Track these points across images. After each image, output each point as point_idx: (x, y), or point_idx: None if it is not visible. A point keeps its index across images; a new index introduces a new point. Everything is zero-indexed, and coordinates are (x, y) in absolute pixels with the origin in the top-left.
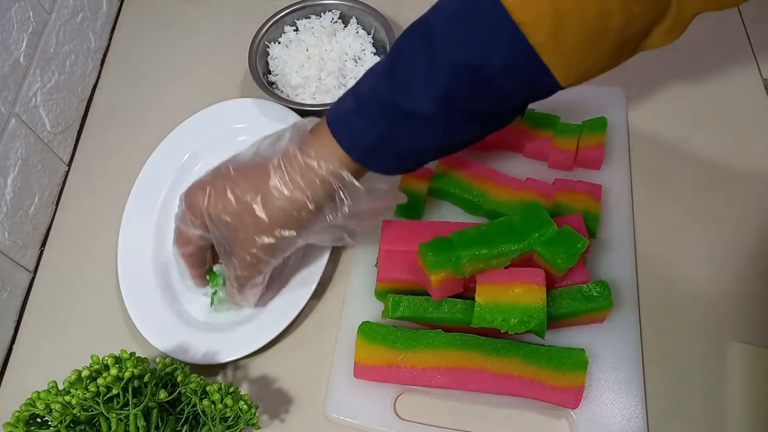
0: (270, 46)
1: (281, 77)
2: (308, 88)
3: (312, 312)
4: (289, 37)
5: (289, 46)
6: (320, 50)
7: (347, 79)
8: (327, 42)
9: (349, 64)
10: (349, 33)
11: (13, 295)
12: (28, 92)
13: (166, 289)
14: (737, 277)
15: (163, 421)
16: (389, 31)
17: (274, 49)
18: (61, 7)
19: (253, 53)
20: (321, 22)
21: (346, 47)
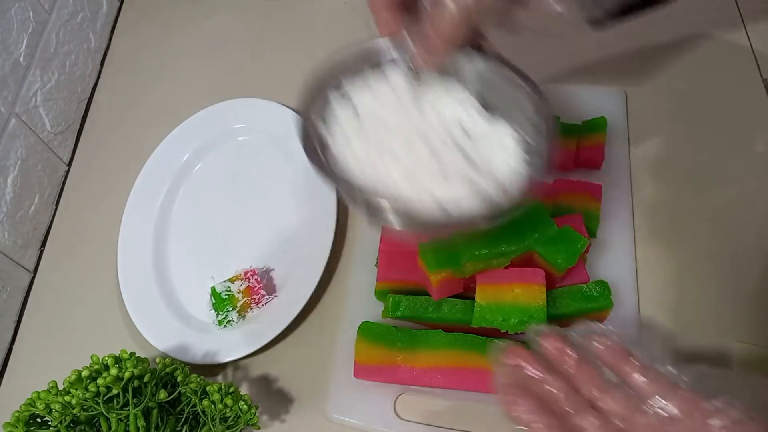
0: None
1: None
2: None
3: (312, 312)
4: (342, 112)
5: (346, 131)
6: (399, 126)
7: (456, 165)
8: (404, 112)
9: (453, 139)
10: (436, 90)
11: (13, 295)
12: (28, 92)
13: (166, 289)
14: (737, 277)
15: (163, 421)
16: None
17: (331, 132)
18: (61, 7)
19: (311, 148)
20: (386, 81)
21: (439, 114)
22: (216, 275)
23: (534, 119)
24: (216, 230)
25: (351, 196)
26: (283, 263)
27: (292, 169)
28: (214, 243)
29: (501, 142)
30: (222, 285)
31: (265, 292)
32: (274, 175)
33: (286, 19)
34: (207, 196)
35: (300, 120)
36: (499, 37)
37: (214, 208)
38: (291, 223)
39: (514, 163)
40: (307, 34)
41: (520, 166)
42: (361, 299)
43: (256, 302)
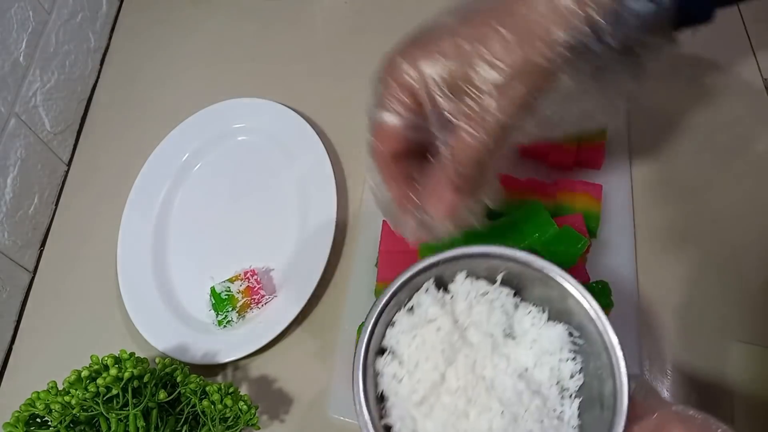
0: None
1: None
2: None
3: (312, 312)
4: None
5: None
6: (478, 374)
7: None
8: (490, 355)
9: (542, 394)
10: (528, 329)
11: (12, 295)
12: (27, 92)
13: (165, 288)
14: (737, 277)
15: (163, 422)
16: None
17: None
18: (61, 6)
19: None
20: (480, 313)
21: (525, 362)
22: (216, 275)
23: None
24: (216, 230)
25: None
26: (283, 263)
27: (292, 169)
28: (214, 243)
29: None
30: (222, 285)
31: (265, 292)
32: (273, 175)
33: (286, 19)
34: (207, 196)
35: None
36: None
37: (214, 208)
38: (291, 223)
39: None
40: (307, 34)
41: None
42: (361, 299)
43: (256, 302)
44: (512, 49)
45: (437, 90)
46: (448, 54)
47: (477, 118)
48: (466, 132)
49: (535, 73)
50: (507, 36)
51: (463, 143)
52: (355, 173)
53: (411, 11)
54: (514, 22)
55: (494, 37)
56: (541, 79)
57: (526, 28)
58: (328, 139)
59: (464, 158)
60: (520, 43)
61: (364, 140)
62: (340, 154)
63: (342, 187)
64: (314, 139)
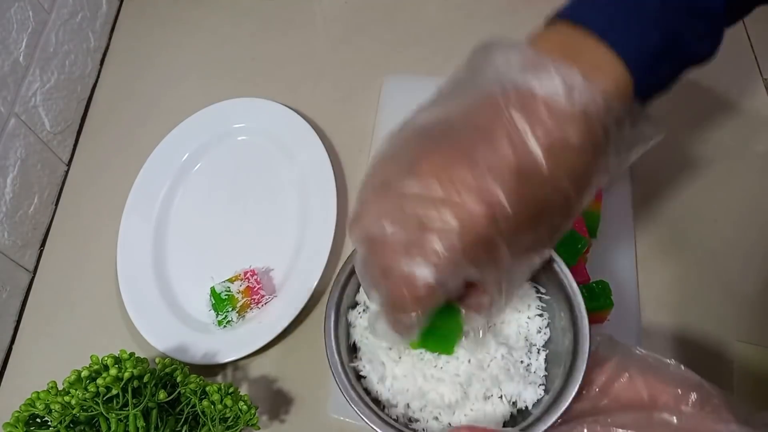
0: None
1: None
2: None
3: (312, 312)
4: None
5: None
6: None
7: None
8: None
9: (509, 346)
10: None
11: (12, 295)
12: (27, 92)
13: (165, 289)
14: (738, 276)
15: (163, 422)
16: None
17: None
18: (61, 6)
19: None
20: None
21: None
22: (215, 275)
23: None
24: (215, 230)
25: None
26: (283, 263)
27: (292, 169)
28: (214, 243)
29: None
30: (221, 285)
31: (265, 293)
32: (273, 174)
33: (286, 19)
34: (206, 196)
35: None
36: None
37: (214, 207)
38: (291, 223)
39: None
40: (306, 34)
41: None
42: None
43: (256, 302)
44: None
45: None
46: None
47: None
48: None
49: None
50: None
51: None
52: (355, 173)
53: (411, 11)
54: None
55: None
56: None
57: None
58: (328, 139)
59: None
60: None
61: (364, 140)
62: (340, 154)
63: (342, 187)
64: (314, 139)
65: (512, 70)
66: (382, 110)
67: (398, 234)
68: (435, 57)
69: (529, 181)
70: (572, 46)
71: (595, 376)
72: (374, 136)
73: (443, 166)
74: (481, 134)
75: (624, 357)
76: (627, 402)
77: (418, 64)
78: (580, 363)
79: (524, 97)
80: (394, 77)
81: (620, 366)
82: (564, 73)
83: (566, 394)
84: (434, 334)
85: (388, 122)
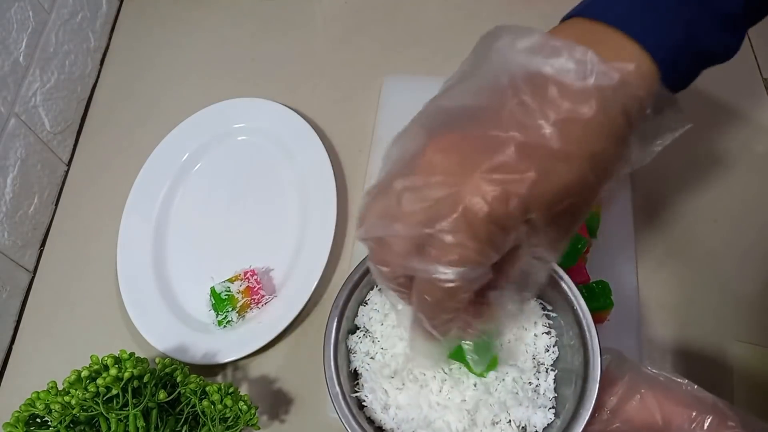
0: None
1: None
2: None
3: (312, 312)
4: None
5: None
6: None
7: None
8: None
9: (518, 367)
10: None
11: (12, 295)
12: (27, 92)
13: (165, 289)
14: (737, 277)
15: (163, 422)
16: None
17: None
18: (61, 6)
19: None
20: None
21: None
22: (215, 275)
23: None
24: (215, 230)
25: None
26: (283, 263)
27: (292, 169)
28: (214, 243)
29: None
30: (221, 285)
31: (265, 293)
32: (273, 174)
33: (286, 19)
34: (206, 196)
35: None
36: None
37: (214, 207)
38: (291, 223)
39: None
40: (306, 34)
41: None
42: None
43: (256, 302)
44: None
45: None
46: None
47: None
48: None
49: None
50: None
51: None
52: (355, 173)
53: (411, 11)
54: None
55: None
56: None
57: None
58: (328, 139)
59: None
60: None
61: (364, 140)
62: (340, 154)
63: (342, 187)
64: (314, 139)
65: (520, 52)
66: (382, 110)
67: (403, 231)
68: (435, 57)
69: (542, 159)
70: (590, 34)
71: (606, 397)
72: (374, 136)
73: (447, 152)
74: (488, 116)
75: (635, 376)
76: (640, 424)
77: (418, 64)
78: (592, 385)
79: (533, 78)
80: (394, 77)
81: (632, 386)
82: (575, 51)
83: (579, 419)
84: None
85: (388, 122)
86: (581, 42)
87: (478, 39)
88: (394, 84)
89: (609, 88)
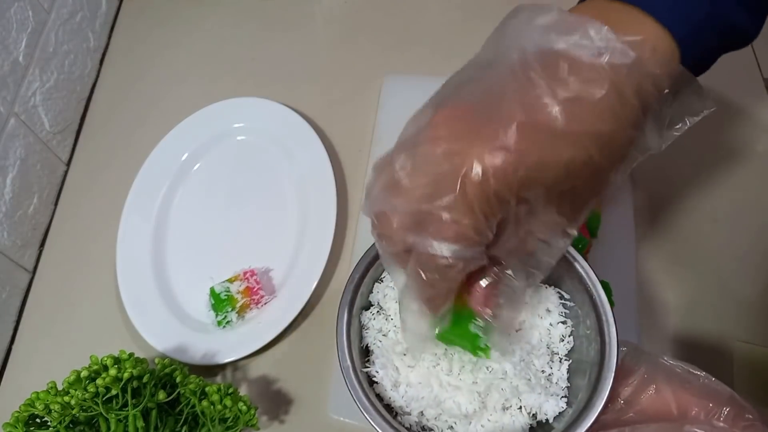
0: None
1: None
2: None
3: (312, 312)
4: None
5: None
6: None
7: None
8: None
9: (532, 354)
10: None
11: (12, 295)
12: (27, 92)
13: (165, 289)
14: (737, 277)
15: (162, 422)
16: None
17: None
18: (60, 6)
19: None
20: None
21: (527, 317)
22: (215, 275)
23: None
24: (215, 230)
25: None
26: (282, 263)
27: (292, 169)
28: (213, 243)
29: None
30: (221, 285)
31: (265, 293)
32: (273, 174)
33: (286, 19)
34: (206, 196)
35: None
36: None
37: (213, 207)
38: (291, 223)
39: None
40: (306, 34)
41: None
42: None
43: (256, 303)
44: None
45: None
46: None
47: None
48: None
49: None
50: None
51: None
52: (355, 173)
53: (411, 11)
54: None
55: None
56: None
57: None
58: (328, 139)
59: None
60: None
61: (364, 140)
62: (340, 154)
63: (342, 187)
64: (314, 139)
65: (535, 29)
66: (382, 110)
67: (401, 206)
68: (435, 57)
69: (545, 137)
70: (608, 12)
71: (620, 388)
72: (374, 136)
73: (451, 124)
74: (495, 91)
75: (651, 366)
76: (654, 415)
77: (418, 64)
78: (607, 374)
79: (545, 54)
80: (394, 77)
81: (647, 376)
82: (590, 28)
83: (592, 408)
84: (461, 327)
85: (388, 122)
86: (598, 17)
87: (476, 41)
88: (394, 84)
89: (623, 67)
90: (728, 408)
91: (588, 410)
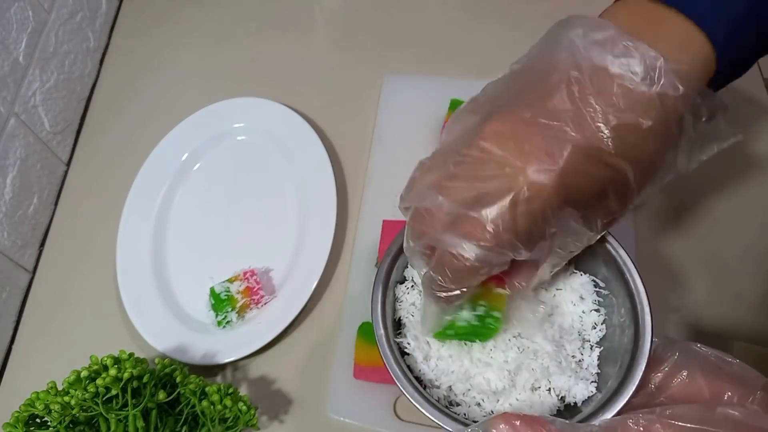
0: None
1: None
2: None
3: (312, 312)
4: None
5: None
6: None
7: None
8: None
9: (564, 338)
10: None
11: (12, 295)
12: (27, 92)
13: (165, 289)
14: (737, 277)
15: (162, 422)
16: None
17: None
18: (61, 6)
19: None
20: None
21: (561, 303)
22: (215, 276)
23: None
24: (215, 230)
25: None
26: (282, 263)
27: (292, 169)
28: (213, 243)
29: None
30: (221, 285)
31: (265, 293)
32: (273, 174)
33: (286, 19)
34: (206, 196)
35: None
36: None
37: (213, 207)
38: (291, 223)
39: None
40: (306, 34)
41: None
42: (360, 299)
43: (256, 303)
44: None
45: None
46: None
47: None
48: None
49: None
50: None
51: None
52: (355, 173)
53: (411, 11)
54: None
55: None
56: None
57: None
58: (328, 139)
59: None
60: None
61: (364, 140)
62: (340, 154)
63: (342, 187)
64: (314, 140)
65: (589, 45)
66: (382, 110)
67: (446, 206)
68: (435, 57)
69: (592, 160)
70: (652, 20)
71: (651, 374)
72: (374, 136)
73: (503, 136)
74: (550, 107)
75: (684, 354)
76: (685, 400)
77: (418, 64)
78: (639, 360)
79: (598, 75)
80: (394, 77)
81: (680, 362)
82: (647, 56)
83: (622, 393)
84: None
85: (388, 122)
86: (646, 29)
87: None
88: (394, 84)
89: (671, 98)
90: (762, 392)
91: (618, 395)
